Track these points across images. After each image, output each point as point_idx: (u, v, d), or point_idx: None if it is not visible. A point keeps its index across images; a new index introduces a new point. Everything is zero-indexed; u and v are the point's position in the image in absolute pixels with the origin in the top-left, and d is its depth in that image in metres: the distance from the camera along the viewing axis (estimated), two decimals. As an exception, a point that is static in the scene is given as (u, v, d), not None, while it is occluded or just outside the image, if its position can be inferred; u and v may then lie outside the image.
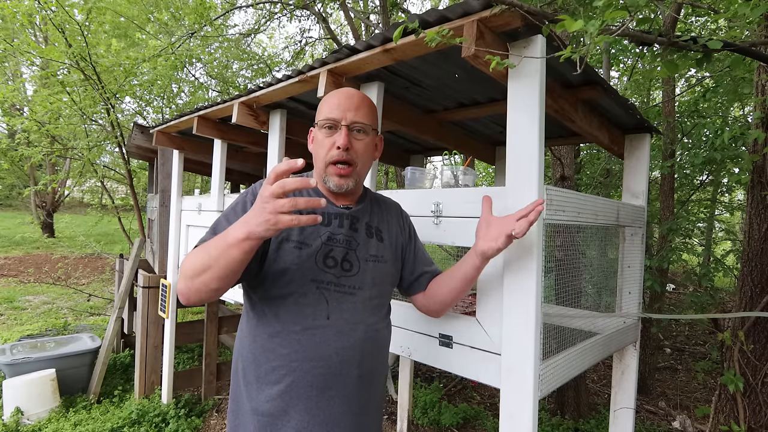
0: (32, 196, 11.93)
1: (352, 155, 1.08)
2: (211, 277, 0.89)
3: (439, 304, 1.25)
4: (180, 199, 3.41)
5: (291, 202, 0.79)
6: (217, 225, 1.05)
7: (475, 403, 3.86)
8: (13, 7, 4.80)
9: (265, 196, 0.80)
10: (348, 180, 1.09)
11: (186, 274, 0.93)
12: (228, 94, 7.61)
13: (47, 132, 5.67)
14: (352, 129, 1.09)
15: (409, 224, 1.30)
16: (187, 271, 0.93)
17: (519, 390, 1.25)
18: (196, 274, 0.91)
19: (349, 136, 1.08)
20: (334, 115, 1.08)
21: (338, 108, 1.09)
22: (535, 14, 1.13)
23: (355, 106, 1.09)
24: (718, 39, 1.23)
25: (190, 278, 0.92)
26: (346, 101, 1.10)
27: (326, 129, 1.09)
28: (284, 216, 0.80)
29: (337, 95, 1.12)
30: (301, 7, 6.13)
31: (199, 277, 0.90)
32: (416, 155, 3.53)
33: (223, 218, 1.06)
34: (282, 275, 1.04)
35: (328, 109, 1.10)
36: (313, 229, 1.08)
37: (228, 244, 0.86)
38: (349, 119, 1.08)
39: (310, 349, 1.03)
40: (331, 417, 1.04)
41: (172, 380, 3.50)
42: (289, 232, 1.07)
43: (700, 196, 5.44)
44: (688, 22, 4.52)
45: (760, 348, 2.21)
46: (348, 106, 1.09)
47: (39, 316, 6.08)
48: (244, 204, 1.07)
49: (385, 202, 1.28)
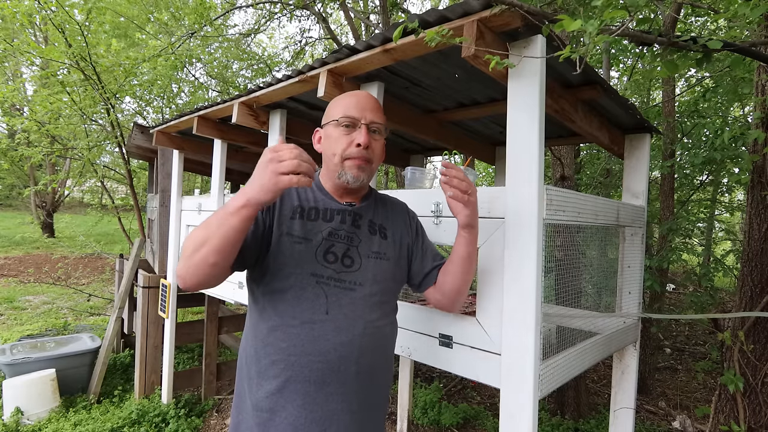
0: (32, 196, 11.93)
1: (370, 153, 1.11)
2: (210, 250, 0.91)
3: (450, 293, 1.23)
4: (180, 199, 3.42)
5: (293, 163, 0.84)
6: None
7: (475, 403, 3.86)
8: (13, 7, 4.79)
9: (266, 160, 0.85)
10: (364, 173, 1.11)
11: (185, 253, 0.94)
12: (228, 94, 7.61)
13: (47, 132, 5.66)
14: (370, 129, 1.11)
15: (416, 222, 1.30)
16: (187, 249, 0.94)
17: (519, 390, 1.25)
18: (195, 250, 0.92)
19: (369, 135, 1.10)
20: (353, 114, 1.10)
21: (356, 107, 1.11)
22: (534, 14, 1.13)
23: (372, 107, 1.12)
24: (718, 39, 1.23)
25: (188, 256, 0.93)
26: (365, 101, 1.13)
27: (344, 127, 1.10)
28: (283, 176, 0.84)
29: (353, 96, 1.15)
30: (301, 7, 6.13)
31: (198, 252, 0.91)
32: (416, 155, 3.54)
33: None
34: (282, 269, 1.05)
35: (345, 108, 1.11)
36: (315, 225, 1.09)
37: (227, 213, 0.89)
38: (368, 119, 1.10)
39: (308, 343, 1.03)
40: (329, 413, 1.04)
41: (172, 380, 3.50)
42: (290, 227, 1.07)
43: (700, 196, 5.44)
44: (688, 22, 4.52)
45: (760, 348, 2.21)
46: (366, 106, 1.11)
47: (39, 316, 6.08)
48: None
49: (391, 201, 1.28)
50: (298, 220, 1.09)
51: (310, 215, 1.11)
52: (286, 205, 1.10)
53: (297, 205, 1.12)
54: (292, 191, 1.14)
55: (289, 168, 0.84)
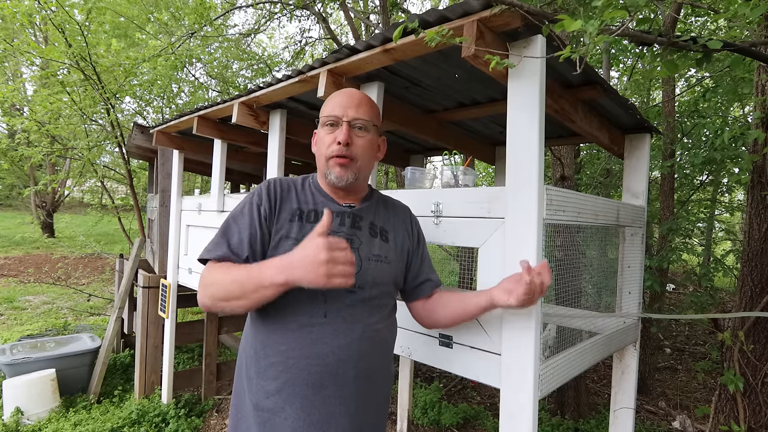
0: (32, 196, 11.93)
1: (352, 150, 1.10)
2: (243, 306, 0.98)
3: (434, 322, 1.27)
4: (180, 199, 3.41)
5: (348, 270, 0.90)
6: (226, 228, 1.09)
7: (475, 403, 3.86)
8: (13, 7, 4.79)
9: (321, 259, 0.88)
10: (347, 172, 1.10)
11: (216, 296, 1.00)
12: (228, 94, 7.61)
13: (47, 132, 5.66)
14: (353, 126, 1.10)
15: (418, 230, 1.30)
16: (219, 293, 0.99)
17: (519, 390, 1.25)
18: (226, 299, 0.98)
19: (350, 132, 1.09)
20: (336, 113, 1.10)
21: (339, 106, 1.11)
22: (534, 14, 1.13)
23: (356, 103, 1.11)
24: (718, 39, 1.23)
25: (222, 300, 0.99)
26: (348, 99, 1.12)
27: (328, 126, 1.11)
28: (335, 279, 0.89)
29: (339, 95, 1.15)
30: (301, 7, 6.13)
31: (230, 303, 0.98)
32: (416, 155, 3.53)
33: (232, 221, 1.10)
34: None
35: (330, 108, 1.12)
36: (314, 227, 1.08)
37: (262, 285, 0.94)
38: (350, 116, 1.10)
39: (306, 346, 1.03)
40: (327, 417, 1.04)
41: (172, 380, 3.50)
42: (289, 230, 1.08)
43: (700, 196, 5.44)
44: (688, 22, 4.52)
45: (760, 348, 2.21)
46: (349, 104, 1.11)
47: (39, 316, 6.08)
48: (251, 206, 1.10)
49: (393, 203, 1.28)
50: (297, 223, 1.09)
51: (309, 217, 1.11)
52: (285, 209, 1.11)
53: (296, 208, 1.12)
54: (292, 195, 1.14)
55: (343, 273, 0.89)
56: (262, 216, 1.08)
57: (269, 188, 1.13)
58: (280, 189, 1.14)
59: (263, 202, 1.10)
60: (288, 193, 1.14)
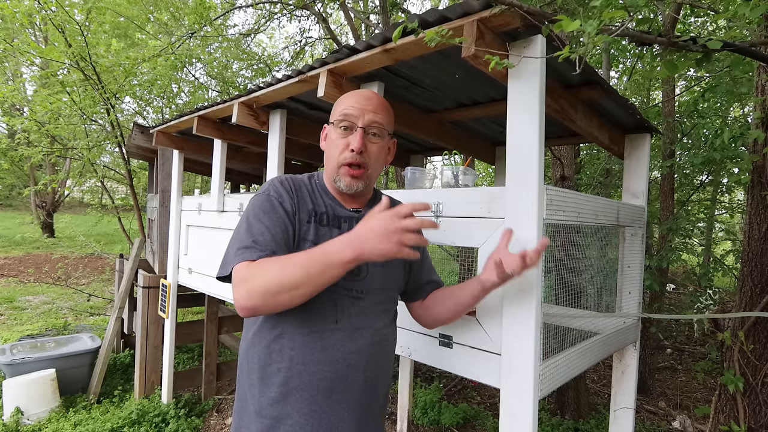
0: (32, 196, 11.93)
1: (365, 158, 1.07)
2: (302, 294, 0.88)
3: (432, 319, 1.26)
4: (180, 199, 3.41)
5: (419, 238, 0.87)
6: (251, 227, 1.01)
7: (475, 403, 3.86)
8: (13, 7, 4.80)
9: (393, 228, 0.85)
10: (359, 182, 1.08)
11: (269, 289, 0.88)
12: (228, 94, 7.61)
13: (47, 132, 5.66)
14: (368, 131, 1.08)
15: None
16: (272, 286, 0.88)
17: (519, 390, 1.25)
18: (283, 290, 0.88)
19: (364, 138, 1.07)
20: (352, 114, 1.07)
21: (356, 107, 1.08)
22: (534, 14, 1.13)
23: (373, 107, 1.09)
24: (718, 39, 1.23)
25: (273, 293, 0.88)
26: (365, 101, 1.09)
27: (342, 129, 1.08)
28: (407, 249, 0.85)
29: (355, 95, 1.12)
30: (301, 7, 6.13)
31: (287, 293, 0.88)
32: (416, 155, 3.53)
33: (254, 220, 1.02)
34: None
35: (345, 108, 1.09)
36: (326, 231, 1.07)
37: (329, 264, 0.86)
38: (366, 120, 1.07)
39: (317, 352, 1.02)
40: (336, 422, 1.03)
41: (172, 380, 3.50)
42: (306, 232, 1.05)
43: (700, 196, 5.44)
44: (688, 22, 4.51)
45: (760, 348, 2.21)
46: (366, 107, 1.08)
47: (39, 316, 6.08)
48: (270, 201, 1.04)
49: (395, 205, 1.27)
50: (313, 225, 1.07)
51: (322, 220, 1.09)
52: (302, 209, 1.07)
53: (311, 209, 1.09)
54: (305, 195, 1.10)
55: (415, 242, 0.85)
56: (289, 213, 1.04)
57: (285, 186, 1.08)
58: (296, 187, 1.09)
59: (285, 199, 1.05)
60: (301, 192, 1.10)
